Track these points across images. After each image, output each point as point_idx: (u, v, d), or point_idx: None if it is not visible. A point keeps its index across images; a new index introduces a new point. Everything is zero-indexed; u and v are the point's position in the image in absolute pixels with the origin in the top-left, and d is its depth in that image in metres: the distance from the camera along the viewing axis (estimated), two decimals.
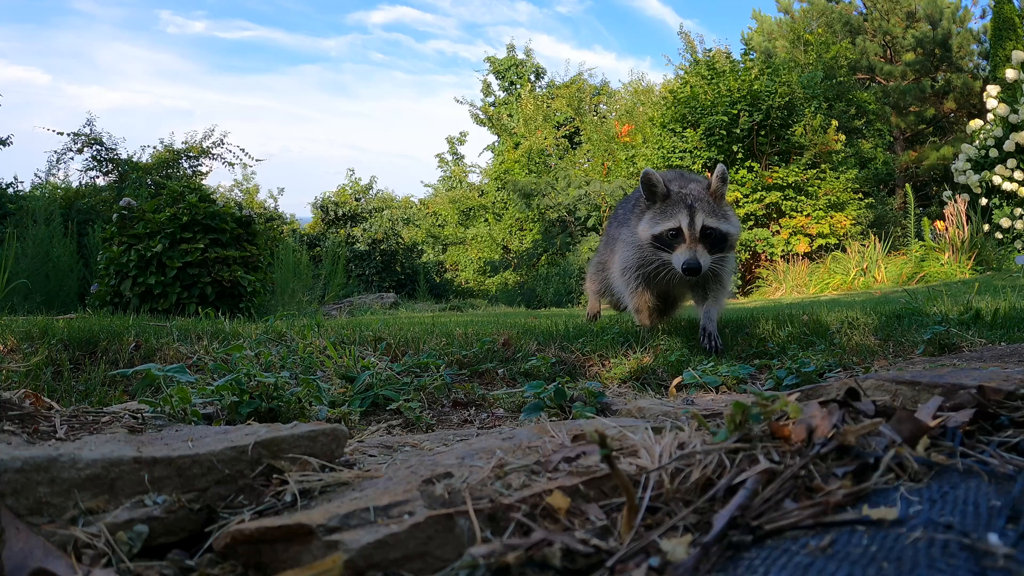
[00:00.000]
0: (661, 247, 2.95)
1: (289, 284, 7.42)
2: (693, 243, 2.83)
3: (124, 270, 5.34)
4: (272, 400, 1.70)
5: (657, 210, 2.96)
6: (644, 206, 3.05)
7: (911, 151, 19.05)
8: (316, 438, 1.04)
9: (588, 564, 0.68)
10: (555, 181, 16.76)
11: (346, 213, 18.49)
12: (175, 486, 0.89)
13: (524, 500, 0.78)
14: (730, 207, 3.06)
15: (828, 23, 19.69)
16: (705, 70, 13.64)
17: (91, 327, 2.71)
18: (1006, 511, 0.66)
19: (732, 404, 0.89)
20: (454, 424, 1.94)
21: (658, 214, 2.94)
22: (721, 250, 2.95)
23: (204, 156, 13.31)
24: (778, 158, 12.85)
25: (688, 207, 2.88)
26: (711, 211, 2.89)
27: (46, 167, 12.22)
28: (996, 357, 2.04)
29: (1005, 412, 0.89)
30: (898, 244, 11.59)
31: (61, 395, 2.00)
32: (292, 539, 0.76)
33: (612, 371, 2.64)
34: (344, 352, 2.39)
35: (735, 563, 0.64)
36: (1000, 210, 10.34)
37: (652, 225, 2.95)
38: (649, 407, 1.59)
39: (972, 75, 18.85)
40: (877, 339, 2.83)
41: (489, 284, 17.44)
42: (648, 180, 2.96)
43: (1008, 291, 4.28)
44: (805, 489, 0.75)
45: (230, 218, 5.75)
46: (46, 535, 0.78)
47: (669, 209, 2.92)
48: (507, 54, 22.33)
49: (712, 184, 2.97)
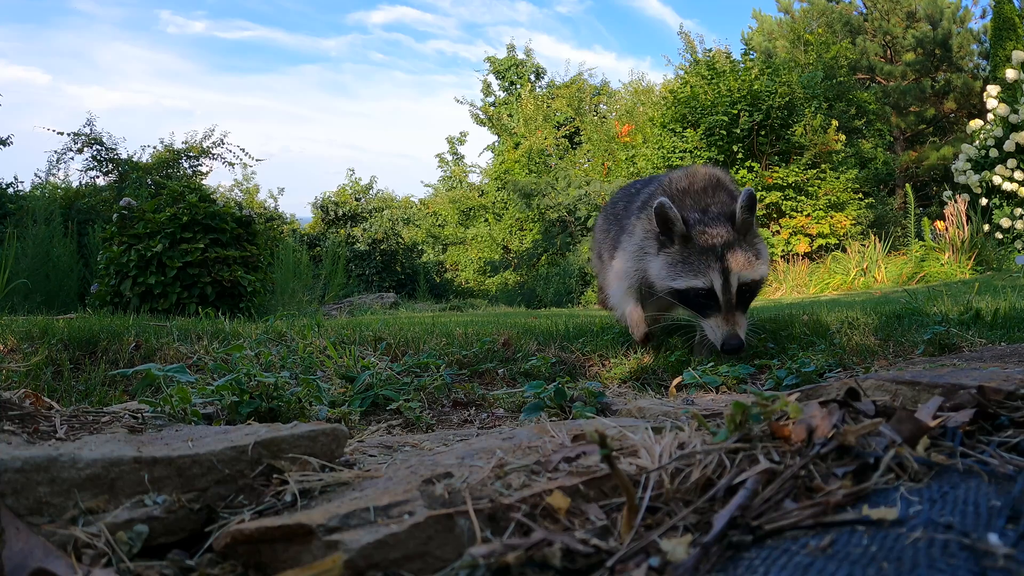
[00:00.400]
0: (680, 303, 2.55)
1: (289, 284, 7.42)
2: (730, 313, 2.38)
3: (124, 270, 5.34)
4: (272, 400, 1.70)
5: (676, 255, 2.47)
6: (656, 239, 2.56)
7: (911, 151, 19.05)
8: (316, 438, 1.04)
9: (588, 564, 0.68)
10: (555, 181, 16.77)
11: (346, 213, 18.49)
12: (175, 486, 0.89)
13: (524, 500, 0.78)
14: (759, 237, 2.56)
15: (828, 23, 19.69)
16: (705, 70, 13.64)
17: (91, 327, 2.72)
18: (1006, 511, 0.66)
19: (732, 404, 0.89)
20: (454, 424, 1.94)
21: (678, 263, 2.46)
22: (754, 298, 2.55)
23: (204, 156, 13.32)
24: (778, 158, 12.85)
25: (719, 258, 2.39)
26: (745, 259, 2.41)
27: (46, 167, 12.23)
28: (996, 357, 2.04)
29: (1005, 412, 0.89)
30: (898, 244, 11.60)
31: (61, 395, 2.00)
32: (292, 539, 0.76)
33: (612, 371, 2.64)
34: (344, 352, 2.39)
35: (735, 563, 0.64)
36: (1000, 210, 10.34)
37: (671, 275, 2.47)
38: (649, 407, 1.59)
39: (972, 75, 18.85)
40: (877, 339, 2.83)
41: (489, 284, 17.45)
42: (664, 217, 2.43)
43: (1008, 291, 4.28)
44: (805, 489, 0.75)
45: (230, 218, 5.75)
46: (46, 535, 0.78)
47: (693, 260, 2.43)
48: (507, 54, 22.34)
49: (738, 216, 2.44)
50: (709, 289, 2.39)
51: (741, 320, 2.41)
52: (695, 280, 2.41)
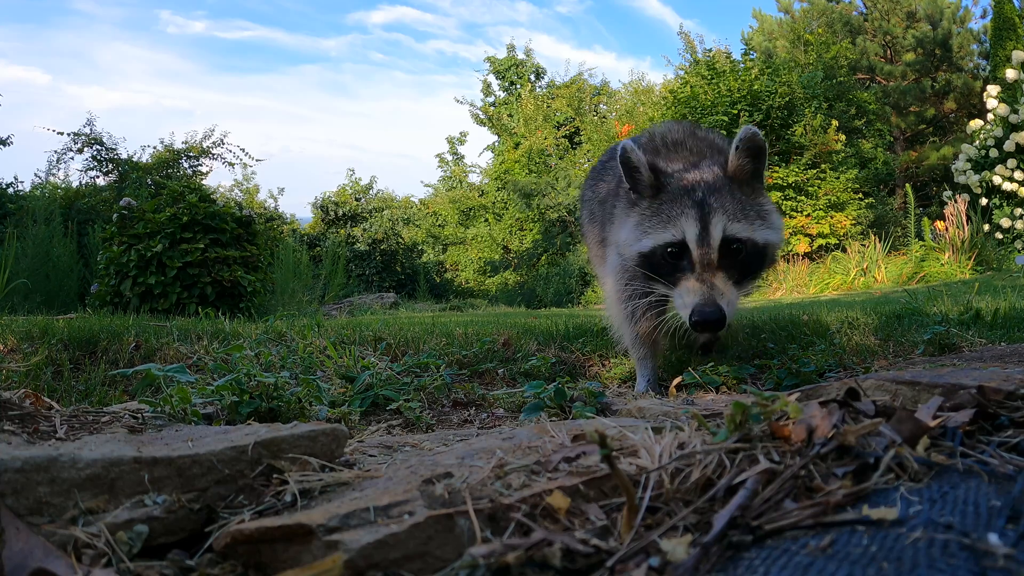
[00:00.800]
0: (653, 273, 1.93)
1: (289, 284, 7.42)
2: (706, 271, 1.80)
3: (124, 270, 5.34)
4: (272, 400, 1.70)
5: (646, 211, 1.95)
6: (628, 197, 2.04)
7: (911, 151, 19.05)
8: (316, 438, 1.04)
9: (588, 564, 0.68)
10: (555, 181, 16.78)
11: (346, 213, 18.50)
12: (175, 486, 0.89)
13: (524, 500, 0.78)
14: (766, 197, 2.01)
15: (828, 23, 19.69)
16: (705, 70, 13.65)
17: (91, 327, 2.72)
18: (1006, 511, 0.66)
19: (732, 404, 0.89)
20: (454, 424, 1.94)
21: (647, 218, 1.93)
22: (756, 272, 1.96)
23: (204, 156, 13.33)
24: (778, 158, 12.85)
25: (697, 204, 1.84)
26: (738, 208, 1.85)
27: (46, 167, 12.25)
28: (996, 357, 2.04)
29: (1005, 412, 0.89)
30: (898, 244, 11.59)
31: (61, 395, 2.00)
32: (292, 539, 0.76)
33: (612, 371, 2.64)
34: (344, 352, 2.39)
35: (735, 563, 0.64)
36: (1000, 210, 10.34)
37: (638, 235, 1.94)
38: (649, 407, 1.59)
39: (972, 75, 18.85)
40: (877, 339, 2.83)
41: (489, 284, 17.46)
42: (628, 165, 1.93)
43: (1008, 291, 4.28)
44: (805, 489, 0.75)
45: (230, 218, 5.76)
46: (46, 535, 0.78)
47: (665, 210, 1.89)
48: (507, 54, 22.34)
49: (731, 159, 1.91)
50: (680, 242, 1.83)
51: (722, 284, 1.80)
52: (664, 233, 1.86)
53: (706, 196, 1.85)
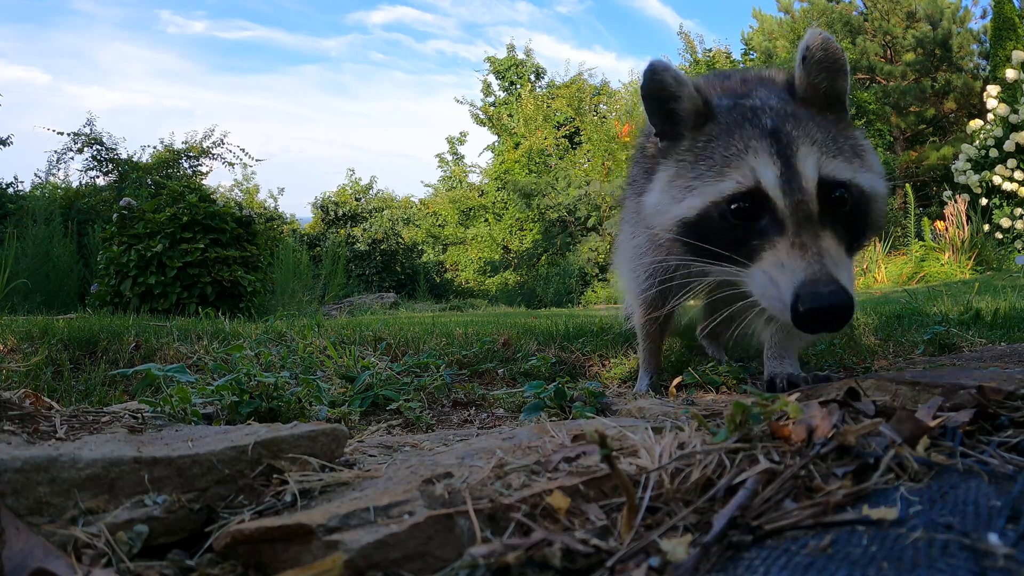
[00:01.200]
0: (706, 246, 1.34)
1: (289, 284, 7.43)
2: (808, 233, 1.23)
3: (124, 270, 5.34)
4: (272, 400, 1.70)
5: (685, 156, 1.42)
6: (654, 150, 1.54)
7: (911, 151, 19.06)
8: (316, 438, 1.04)
9: (588, 564, 0.68)
10: (555, 181, 16.77)
11: (346, 213, 18.50)
12: (175, 486, 0.89)
13: (524, 500, 0.78)
14: (860, 131, 1.51)
15: (828, 23, 19.69)
16: (705, 70, 13.66)
17: (91, 327, 2.72)
18: (1006, 511, 0.66)
19: (732, 404, 0.89)
20: (454, 424, 1.94)
21: (688, 167, 1.40)
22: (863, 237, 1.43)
23: (204, 156, 13.34)
24: None
25: (769, 134, 1.32)
26: (828, 141, 1.33)
27: (46, 167, 12.25)
28: (996, 357, 2.04)
29: (1005, 412, 0.89)
30: (898, 244, 11.59)
31: (61, 395, 2.01)
32: (292, 539, 0.76)
33: (612, 371, 2.64)
34: (344, 352, 2.39)
35: (735, 563, 0.64)
36: (1000, 210, 10.34)
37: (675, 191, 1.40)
38: (649, 407, 1.59)
39: (972, 75, 18.85)
40: (877, 339, 2.83)
41: (489, 284, 17.45)
42: (659, 87, 1.42)
43: (1008, 291, 4.28)
44: (805, 489, 0.75)
45: (230, 218, 5.76)
46: (46, 535, 0.78)
47: (718, 150, 1.36)
48: (507, 54, 22.31)
49: (798, 77, 1.41)
50: (752, 190, 1.28)
51: (834, 248, 1.23)
52: (722, 182, 1.31)
53: (780, 123, 1.32)
